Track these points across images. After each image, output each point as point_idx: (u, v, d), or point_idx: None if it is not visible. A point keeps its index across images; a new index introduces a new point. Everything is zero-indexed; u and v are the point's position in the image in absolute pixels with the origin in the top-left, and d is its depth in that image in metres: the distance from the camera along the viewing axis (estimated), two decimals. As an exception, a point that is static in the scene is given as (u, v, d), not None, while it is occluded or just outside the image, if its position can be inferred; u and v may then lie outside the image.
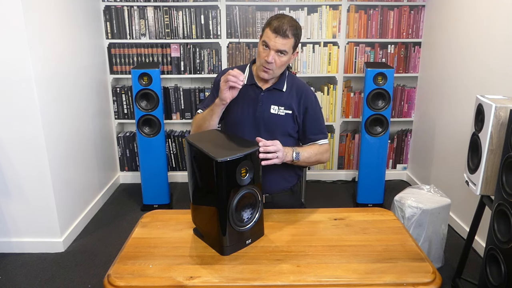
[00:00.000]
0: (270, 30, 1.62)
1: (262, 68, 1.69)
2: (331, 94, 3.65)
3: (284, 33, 1.61)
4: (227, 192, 1.28)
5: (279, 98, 1.76)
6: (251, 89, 1.77)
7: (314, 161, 1.77)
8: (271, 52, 1.63)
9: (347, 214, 1.62)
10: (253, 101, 1.76)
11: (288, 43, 1.63)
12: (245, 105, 1.76)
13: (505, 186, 1.70)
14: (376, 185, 3.31)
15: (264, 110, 1.74)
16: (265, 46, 1.65)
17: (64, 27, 2.84)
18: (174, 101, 3.64)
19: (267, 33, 1.64)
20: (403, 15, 3.50)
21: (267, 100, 1.75)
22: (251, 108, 1.75)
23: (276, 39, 1.62)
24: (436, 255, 2.50)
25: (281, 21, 1.62)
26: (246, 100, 1.76)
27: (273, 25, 1.62)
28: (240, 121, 1.76)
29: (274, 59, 1.64)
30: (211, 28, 3.49)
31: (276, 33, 1.61)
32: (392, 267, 1.27)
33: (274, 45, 1.62)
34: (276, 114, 1.74)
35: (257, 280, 1.21)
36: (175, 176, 3.82)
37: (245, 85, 1.76)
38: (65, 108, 2.81)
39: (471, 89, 2.76)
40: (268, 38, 1.63)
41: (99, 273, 2.49)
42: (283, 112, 1.75)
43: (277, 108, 1.75)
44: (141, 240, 1.44)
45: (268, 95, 1.76)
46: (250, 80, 1.78)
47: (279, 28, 1.60)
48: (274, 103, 1.75)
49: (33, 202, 2.63)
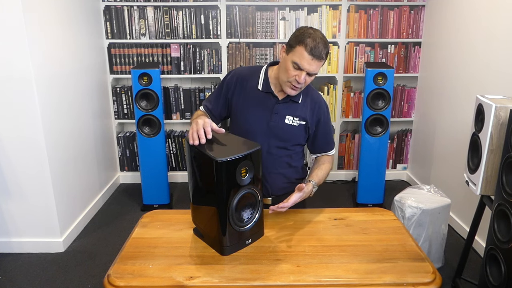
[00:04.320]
0: (306, 51, 1.52)
1: (289, 85, 1.61)
2: (331, 94, 3.65)
3: (320, 56, 1.53)
4: (227, 192, 1.28)
5: (294, 109, 1.72)
6: (267, 97, 1.71)
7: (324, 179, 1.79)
8: (303, 73, 1.55)
9: (347, 214, 1.62)
10: (268, 110, 1.70)
11: (320, 65, 1.57)
12: (259, 113, 1.70)
13: (505, 186, 1.70)
14: (376, 185, 3.31)
15: (279, 120, 1.70)
16: (297, 66, 1.55)
17: (64, 27, 2.84)
18: (174, 101, 3.64)
19: (301, 54, 1.53)
20: (403, 15, 3.50)
21: (282, 111, 1.70)
22: (265, 117, 1.70)
23: (312, 62, 1.53)
24: (436, 255, 2.49)
25: (315, 40, 1.52)
26: (260, 107, 1.70)
27: (308, 46, 1.51)
28: (252, 129, 1.69)
29: (304, 80, 1.58)
30: (211, 28, 3.49)
31: (313, 55, 1.52)
32: (392, 267, 1.27)
33: (309, 68, 1.54)
34: (290, 125, 1.71)
35: (257, 280, 1.21)
36: (175, 176, 3.82)
37: (260, 92, 1.71)
38: (65, 108, 2.81)
39: (471, 89, 2.76)
40: (302, 60, 1.53)
41: (99, 273, 2.49)
42: (297, 123, 1.71)
43: (292, 119, 1.71)
44: (141, 240, 1.44)
45: (284, 105, 1.71)
46: (266, 87, 1.71)
47: (315, 51, 1.51)
48: (289, 113, 1.71)
49: (33, 202, 2.63)
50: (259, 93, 1.71)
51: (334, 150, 1.86)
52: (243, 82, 1.74)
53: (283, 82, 1.63)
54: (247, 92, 1.73)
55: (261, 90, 1.71)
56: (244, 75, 1.76)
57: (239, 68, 1.83)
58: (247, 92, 1.73)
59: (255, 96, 1.71)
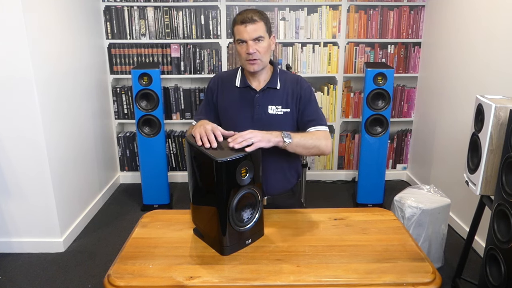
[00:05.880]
0: (238, 24, 1.63)
1: (248, 63, 1.66)
2: (331, 94, 3.65)
3: (251, 19, 1.60)
4: (227, 192, 1.28)
5: (275, 97, 1.73)
6: (245, 92, 1.74)
7: (311, 145, 1.62)
8: (249, 43, 1.62)
9: (347, 214, 1.62)
10: (249, 104, 1.73)
11: (259, 28, 1.62)
12: (241, 109, 1.73)
13: (505, 186, 1.70)
14: (376, 185, 3.31)
15: (262, 112, 1.71)
16: (241, 42, 1.64)
17: (64, 27, 2.84)
18: (174, 101, 3.65)
19: (237, 30, 1.64)
20: (403, 15, 3.50)
21: (263, 101, 1.72)
22: (248, 111, 1.72)
23: (246, 28, 1.61)
24: (436, 255, 2.50)
25: (243, 13, 1.63)
26: (241, 103, 1.73)
27: (238, 20, 1.63)
28: (238, 127, 1.65)
29: (254, 48, 1.62)
30: (211, 28, 3.49)
31: (244, 23, 1.61)
32: (392, 267, 1.27)
33: (248, 35, 1.61)
34: (274, 115, 1.71)
35: (257, 280, 1.21)
36: (175, 176, 3.82)
37: (239, 88, 1.75)
38: (65, 108, 2.81)
39: (471, 89, 2.76)
40: (239, 33, 1.63)
41: (99, 273, 2.49)
42: (281, 111, 1.72)
43: (275, 108, 1.72)
44: (141, 240, 1.44)
45: (263, 96, 1.72)
46: (243, 83, 1.75)
47: (245, 18, 1.61)
48: (271, 103, 1.72)
49: (33, 202, 2.63)
50: (238, 90, 1.74)
51: (326, 128, 1.72)
52: (223, 83, 1.79)
53: (244, 64, 1.70)
54: (228, 92, 1.77)
55: (239, 87, 1.75)
56: (224, 77, 1.82)
57: (219, 73, 1.89)
58: (228, 92, 1.77)
59: (235, 93, 1.74)
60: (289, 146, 1.55)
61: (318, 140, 1.64)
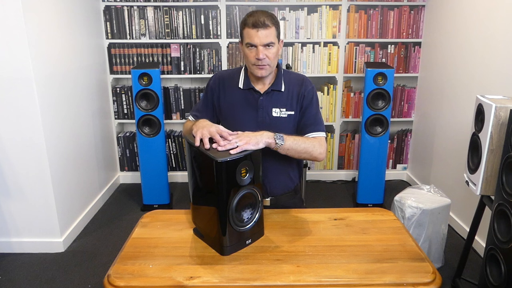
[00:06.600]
0: (249, 28, 1.58)
1: (256, 68, 1.63)
2: (331, 94, 3.65)
3: (263, 24, 1.56)
4: (227, 192, 1.28)
5: (279, 99, 1.70)
6: (249, 94, 1.71)
7: (303, 151, 1.59)
8: (259, 48, 1.58)
9: (347, 214, 1.62)
10: (253, 107, 1.70)
11: (271, 33, 1.59)
12: (245, 111, 1.70)
13: (505, 186, 1.70)
14: (376, 185, 3.31)
15: (266, 114, 1.69)
16: (250, 46, 1.60)
17: (64, 27, 2.84)
18: (174, 101, 3.65)
19: (247, 33, 1.59)
20: (403, 15, 3.50)
21: (267, 104, 1.70)
22: (252, 114, 1.70)
23: (258, 33, 1.56)
24: (436, 255, 2.49)
25: (254, 15, 1.58)
26: (245, 106, 1.71)
27: (250, 23, 1.57)
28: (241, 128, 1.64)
29: (264, 54, 1.59)
30: (211, 28, 3.49)
31: (256, 27, 1.56)
32: (392, 267, 1.27)
33: (259, 40, 1.57)
34: (278, 117, 1.69)
35: (257, 280, 1.21)
36: (175, 176, 3.82)
37: (242, 90, 1.72)
38: (65, 108, 2.81)
39: (471, 89, 2.76)
40: (250, 37, 1.58)
41: (99, 273, 2.49)
42: (285, 114, 1.70)
43: (279, 110, 1.69)
44: (141, 240, 1.44)
45: (267, 98, 1.70)
46: (247, 84, 1.72)
47: (257, 22, 1.56)
48: (275, 105, 1.70)
49: (33, 202, 2.63)
50: (241, 91, 1.72)
51: (323, 133, 1.70)
52: (225, 83, 1.75)
53: (250, 68, 1.66)
54: (231, 93, 1.74)
55: (242, 88, 1.72)
56: (225, 77, 1.77)
57: (219, 72, 1.85)
58: (230, 93, 1.74)
59: (238, 95, 1.71)
60: (281, 148, 1.54)
61: (312, 146, 1.62)
